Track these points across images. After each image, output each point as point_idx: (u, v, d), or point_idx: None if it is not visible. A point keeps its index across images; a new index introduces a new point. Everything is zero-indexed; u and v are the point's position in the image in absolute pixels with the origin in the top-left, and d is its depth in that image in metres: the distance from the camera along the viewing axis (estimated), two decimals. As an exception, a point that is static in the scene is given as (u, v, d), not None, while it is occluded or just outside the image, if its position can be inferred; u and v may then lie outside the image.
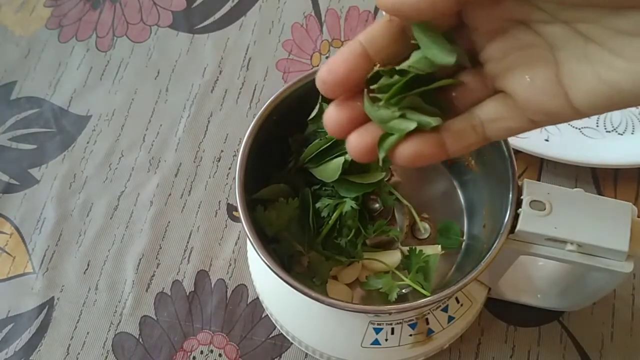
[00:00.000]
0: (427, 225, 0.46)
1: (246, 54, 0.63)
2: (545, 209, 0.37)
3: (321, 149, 0.42)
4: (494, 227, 0.39)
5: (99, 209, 0.56)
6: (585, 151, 0.54)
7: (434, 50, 0.26)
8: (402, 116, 0.27)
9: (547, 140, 0.55)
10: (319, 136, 0.42)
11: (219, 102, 0.60)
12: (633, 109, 0.56)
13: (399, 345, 0.44)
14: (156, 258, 0.54)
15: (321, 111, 0.43)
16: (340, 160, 0.41)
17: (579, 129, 0.56)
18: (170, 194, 0.56)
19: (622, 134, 0.55)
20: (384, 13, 0.26)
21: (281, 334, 0.49)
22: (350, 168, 0.40)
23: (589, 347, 0.49)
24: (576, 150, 0.53)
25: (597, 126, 0.56)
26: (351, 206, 0.42)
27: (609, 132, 0.55)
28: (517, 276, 0.47)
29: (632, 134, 0.55)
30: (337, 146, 0.41)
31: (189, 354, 0.50)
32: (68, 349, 0.51)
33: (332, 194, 0.42)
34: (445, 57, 0.25)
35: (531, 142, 0.54)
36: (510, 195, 0.38)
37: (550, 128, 0.56)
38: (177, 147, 0.58)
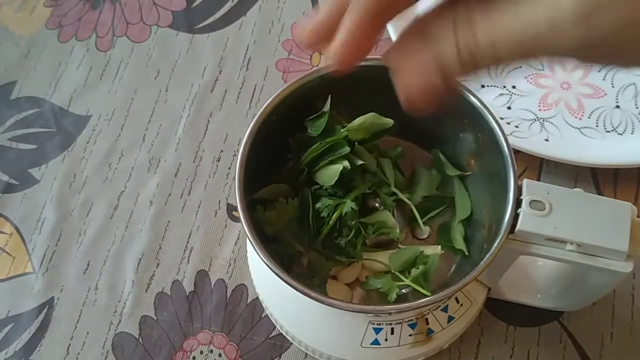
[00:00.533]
0: (427, 226, 0.46)
1: (246, 53, 0.63)
2: (545, 209, 0.37)
3: (319, 152, 0.42)
4: (494, 227, 0.39)
5: (99, 209, 0.56)
6: (585, 151, 0.54)
7: None
8: None
9: (547, 140, 0.55)
10: (319, 139, 0.42)
11: (219, 102, 0.60)
12: (633, 108, 0.56)
13: (398, 345, 0.44)
14: (156, 258, 0.54)
15: (323, 113, 0.43)
16: (338, 167, 0.41)
17: (579, 129, 0.56)
18: (170, 194, 0.56)
19: (621, 134, 0.55)
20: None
21: (281, 334, 0.49)
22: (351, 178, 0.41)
23: (588, 347, 0.49)
24: (576, 150, 0.54)
25: (597, 126, 0.56)
26: (351, 207, 0.42)
27: (609, 132, 0.55)
28: (517, 276, 0.47)
29: (632, 133, 0.55)
30: (336, 149, 0.41)
31: (188, 354, 0.50)
32: (68, 349, 0.51)
33: (333, 194, 0.42)
34: None
35: (531, 142, 0.54)
36: (510, 195, 0.37)
37: (550, 128, 0.56)
38: (177, 147, 0.58)
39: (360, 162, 0.42)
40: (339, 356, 0.45)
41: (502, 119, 0.56)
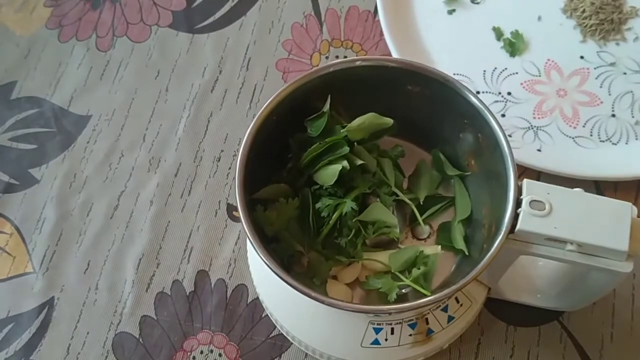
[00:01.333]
0: (427, 226, 0.46)
1: (246, 53, 0.63)
2: (545, 209, 0.37)
3: (319, 152, 0.42)
4: (494, 227, 0.39)
5: (99, 209, 0.56)
6: (577, 163, 0.53)
7: None
8: None
9: (539, 150, 0.54)
10: (318, 139, 0.42)
11: (219, 102, 0.60)
12: (629, 117, 0.56)
13: (398, 345, 0.44)
14: (156, 258, 0.54)
15: (322, 113, 0.43)
16: (337, 167, 0.41)
17: (573, 138, 0.55)
18: (170, 194, 0.56)
19: (616, 144, 0.55)
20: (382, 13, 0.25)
21: (281, 334, 0.49)
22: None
23: (589, 347, 0.49)
24: (568, 162, 0.53)
25: (591, 135, 0.55)
26: (351, 207, 0.42)
27: (603, 141, 0.55)
28: (517, 276, 0.47)
29: (626, 144, 0.55)
30: (335, 149, 0.41)
31: (189, 353, 0.50)
32: (68, 349, 0.51)
33: (333, 194, 0.42)
34: None
35: (523, 152, 0.53)
36: (510, 195, 0.38)
37: (543, 137, 0.55)
38: (177, 147, 0.58)
39: (360, 162, 0.42)
40: (339, 356, 0.45)
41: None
